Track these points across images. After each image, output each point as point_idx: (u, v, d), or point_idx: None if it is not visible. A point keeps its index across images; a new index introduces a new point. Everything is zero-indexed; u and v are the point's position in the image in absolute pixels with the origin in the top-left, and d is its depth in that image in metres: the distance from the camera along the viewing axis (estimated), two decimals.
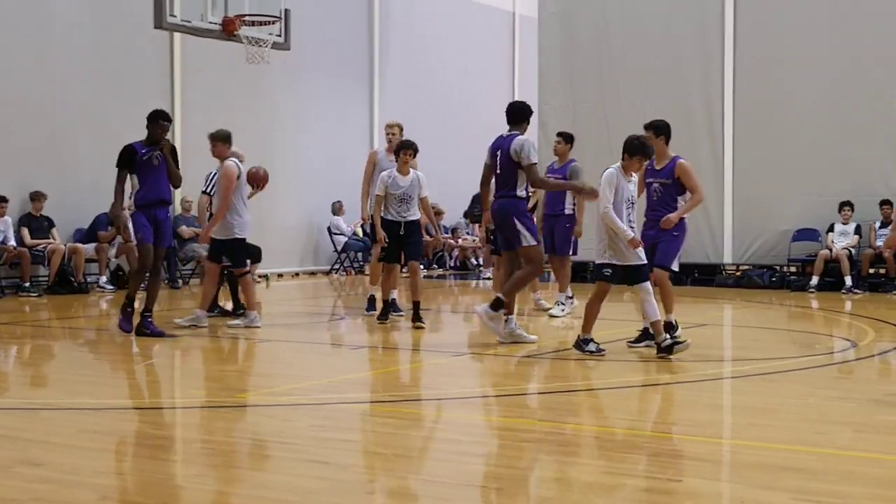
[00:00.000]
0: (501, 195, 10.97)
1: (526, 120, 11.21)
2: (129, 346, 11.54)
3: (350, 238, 23.45)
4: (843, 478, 5.59)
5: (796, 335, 12.92)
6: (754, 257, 19.87)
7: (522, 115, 11.18)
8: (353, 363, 10.37)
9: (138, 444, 6.53)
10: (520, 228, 10.84)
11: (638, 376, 9.62)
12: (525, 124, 11.18)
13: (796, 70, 19.29)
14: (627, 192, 9.92)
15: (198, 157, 15.16)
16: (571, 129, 19.53)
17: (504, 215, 10.90)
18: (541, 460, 6.31)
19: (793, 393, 8.44)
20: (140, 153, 11.55)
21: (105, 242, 18.27)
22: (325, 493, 5.41)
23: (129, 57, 19.53)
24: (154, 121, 11.68)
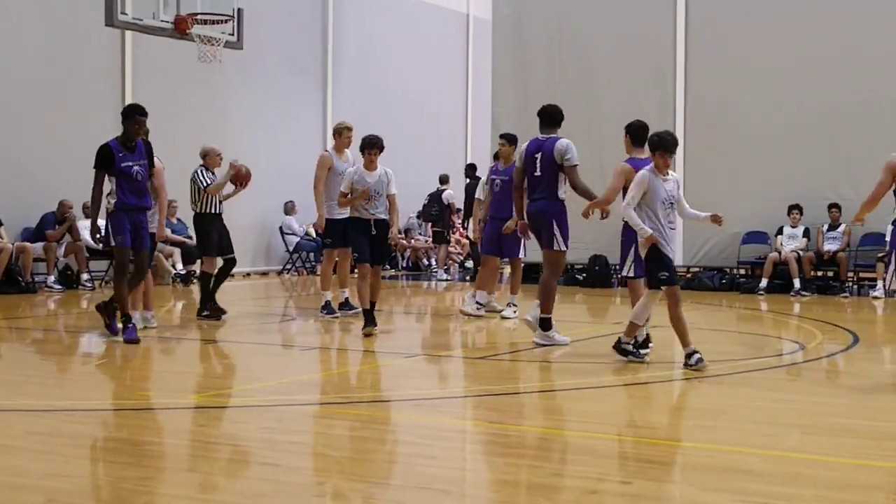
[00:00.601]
0: (540, 197, 11.09)
1: (559, 123, 11.35)
2: (77, 346, 11.46)
3: (302, 238, 23.38)
4: (791, 479, 5.63)
5: (745, 337, 13.02)
6: (704, 260, 20.01)
7: (556, 117, 11.36)
8: (303, 364, 10.33)
9: (86, 447, 6.47)
10: (555, 232, 11.03)
11: (588, 379, 9.65)
12: (558, 127, 11.34)
13: (747, 76, 19.45)
14: (664, 193, 9.67)
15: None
16: (524, 132, 19.58)
17: (544, 217, 11.06)
18: (491, 462, 6.32)
19: (741, 395, 8.50)
20: (118, 154, 11.18)
21: (53, 241, 18.10)
22: (274, 495, 5.38)
23: (80, 55, 19.37)
24: (130, 117, 11.33)
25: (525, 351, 11.16)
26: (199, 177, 13.20)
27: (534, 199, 11.16)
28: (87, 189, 18.63)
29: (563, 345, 10.94)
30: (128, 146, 11.26)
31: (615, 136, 11.43)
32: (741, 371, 9.65)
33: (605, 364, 10.03)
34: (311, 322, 13.78)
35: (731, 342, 12.62)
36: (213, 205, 13.16)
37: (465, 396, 8.70)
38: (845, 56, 18.74)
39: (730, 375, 9.40)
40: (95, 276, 18.85)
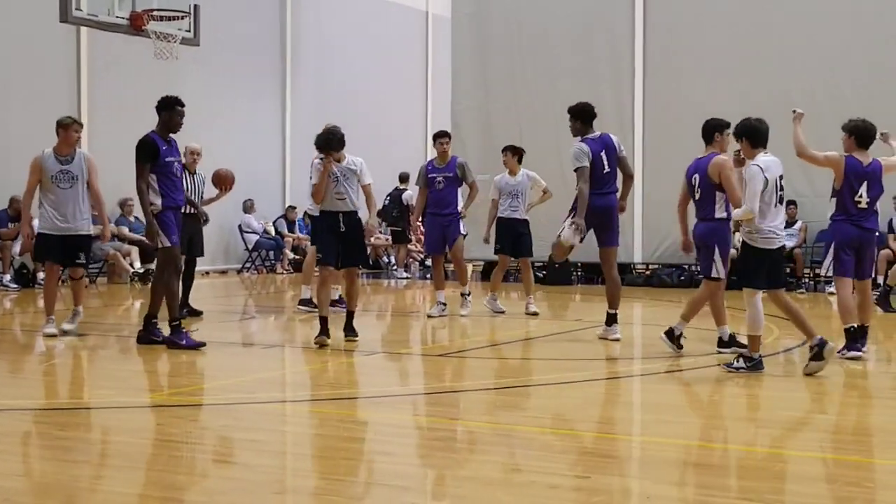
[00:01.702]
0: (610, 191, 11.60)
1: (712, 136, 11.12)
2: (33, 346, 11.36)
3: (261, 236, 23.30)
4: (748, 473, 5.67)
5: (704, 333, 13.08)
6: (663, 257, 20.09)
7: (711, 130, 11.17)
8: (263, 362, 10.29)
9: (41, 446, 6.42)
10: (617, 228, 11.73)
11: (548, 375, 9.68)
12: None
13: (705, 71, 19.54)
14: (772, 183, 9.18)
15: (106, 157, 14.86)
16: (484, 130, 19.73)
17: (613, 213, 11.63)
18: (449, 458, 6.32)
19: (699, 390, 8.57)
20: (161, 147, 10.74)
21: (8, 240, 17.93)
22: (232, 493, 5.36)
23: (35, 52, 19.19)
24: (170, 108, 10.96)
25: (483, 348, 11.18)
26: None
27: (603, 192, 11.41)
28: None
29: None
30: (167, 140, 10.89)
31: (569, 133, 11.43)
32: (700, 367, 9.70)
33: (565, 360, 10.07)
34: (271, 319, 13.73)
35: (689, 339, 12.66)
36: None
37: (424, 393, 8.70)
38: (802, 52, 18.87)
39: (688, 371, 9.45)
40: None
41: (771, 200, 9.18)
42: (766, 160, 9.23)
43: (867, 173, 10.07)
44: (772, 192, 9.18)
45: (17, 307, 15.57)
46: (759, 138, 9.41)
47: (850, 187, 10.07)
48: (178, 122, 10.92)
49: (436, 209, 13.80)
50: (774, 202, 9.21)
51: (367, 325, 13.31)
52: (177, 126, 10.91)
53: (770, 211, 9.16)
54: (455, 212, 13.74)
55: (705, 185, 10.40)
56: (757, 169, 9.12)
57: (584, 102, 11.63)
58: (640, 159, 20.04)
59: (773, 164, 9.27)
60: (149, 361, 10.22)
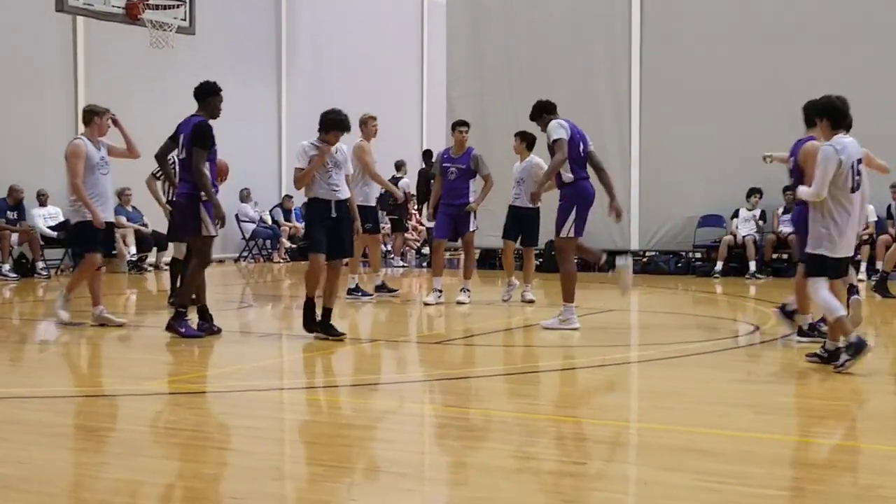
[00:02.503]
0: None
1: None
2: (32, 334, 11.37)
3: (258, 225, 23.30)
4: (744, 458, 5.69)
5: (701, 320, 13.12)
6: (660, 243, 20.12)
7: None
8: (260, 350, 10.30)
9: (41, 433, 6.42)
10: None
11: (545, 362, 9.70)
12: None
13: (701, 58, 19.53)
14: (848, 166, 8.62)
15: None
16: (479, 117, 19.68)
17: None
18: (447, 445, 6.34)
19: (696, 376, 8.58)
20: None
21: (6, 230, 17.93)
22: (230, 479, 5.38)
23: (31, 41, 19.18)
24: (215, 93, 10.64)
25: (480, 335, 11.20)
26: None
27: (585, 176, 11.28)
28: (39, 176, 18.51)
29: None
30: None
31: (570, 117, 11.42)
32: (697, 353, 9.72)
33: (561, 347, 10.09)
34: (268, 308, 13.74)
35: (686, 325, 12.71)
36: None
37: (422, 381, 8.72)
38: (802, 38, 18.86)
39: (685, 357, 9.47)
40: (51, 264, 18.70)
41: (846, 186, 8.57)
42: (842, 141, 8.62)
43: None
44: (847, 177, 8.56)
45: (16, 296, 15.57)
46: (840, 119, 8.73)
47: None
48: (219, 109, 10.73)
49: (447, 199, 13.92)
50: (851, 187, 8.59)
51: (365, 314, 13.33)
52: (218, 112, 10.71)
53: (845, 197, 8.58)
54: (467, 202, 13.77)
55: (797, 170, 9.95)
56: (831, 150, 8.54)
57: (538, 101, 11.53)
58: (637, 145, 20.05)
59: (851, 147, 8.65)
60: (148, 350, 10.23)
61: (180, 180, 10.74)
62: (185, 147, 10.46)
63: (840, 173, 8.51)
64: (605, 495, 5.08)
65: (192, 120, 10.55)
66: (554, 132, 10.96)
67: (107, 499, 5.06)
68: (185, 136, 10.48)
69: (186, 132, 10.48)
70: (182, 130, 10.58)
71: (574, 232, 11.04)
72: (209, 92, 10.64)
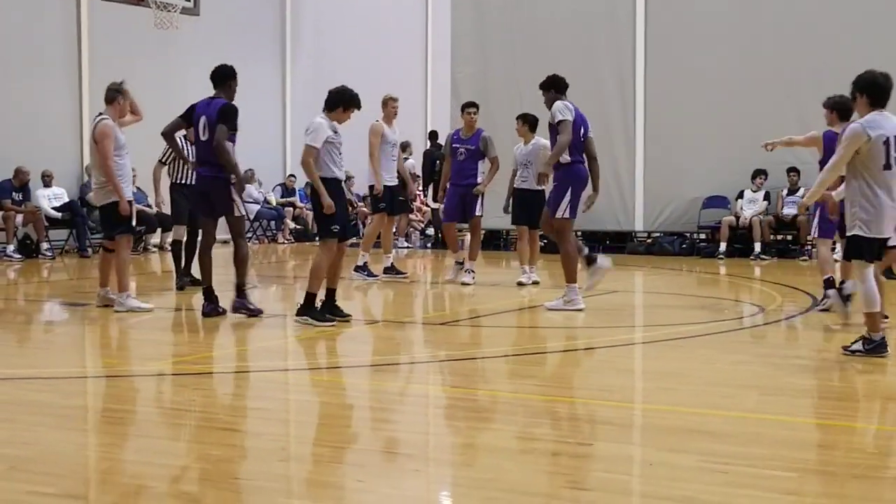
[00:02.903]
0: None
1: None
2: (37, 315, 11.38)
3: (262, 206, 23.29)
4: (750, 440, 5.69)
5: (705, 301, 13.11)
6: (665, 225, 20.10)
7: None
8: (266, 331, 10.30)
9: (47, 414, 6.43)
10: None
11: (550, 343, 9.71)
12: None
13: (706, 38, 19.49)
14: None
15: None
16: (483, 97, 19.63)
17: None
18: (453, 426, 6.34)
19: (701, 357, 8.58)
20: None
21: (11, 211, 17.93)
22: (237, 460, 5.39)
23: (35, 21, 19.14)
24: (234, 76, 10.81)
25: (485, 317, 11.21)
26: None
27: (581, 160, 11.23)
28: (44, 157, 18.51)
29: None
30: None
31: (575, 100, 11.40)
32: (701, 334, 9.72)
33: (567, 328, 10.09)
34: (273, 289, 13.76)
35: (691, 306, 12.71)
36: (181, 175, 12.90)
37: (427, 362, 8.73)
38: (805, 21, 18.82)
39: (690, 339, 9.47)
40: (55, 245, 18.71)
41: (877, 163, 8.17)
42: (876, 118, 8.23)
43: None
44: (879, 154, 8.16)
45: (20, 278, 15.60)
46: (880, 95, 8.34)
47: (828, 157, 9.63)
48: (235, 92, 10.84)
49: (456, 179, 14.07)
50: (884, 164, 8.17)
51: (370, 295, 13.34)
52: (234, 95, 10.80)
53: (878, 175, 8.18)
54: (474, 183, 13.86)
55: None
56: (858, 127, 8.20)
57: (552, 75, 11.52)
58: (642, 126, 20.02)
59: (887, 123, 8.24)
60: (153, 331, 10.24)
61: (203, 162, 10.67)
62: (206, 128, 10.46)
63: (869, 150, 8.14)
64: (610, 476, 5.09)
65: (216, 102, 10.58)
66: (559, 113, 10.97)
67: (113, 479, 5.07)
68: (206, 118, 10.47)
69: (210, 114, 10.46)
70: (202, 112, 10.56)
71: (570, 213, 11.05)
72: (229, 75, 10.74)
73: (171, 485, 4.95)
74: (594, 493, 4.84)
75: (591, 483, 5.04)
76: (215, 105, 10.52)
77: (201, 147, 10.61)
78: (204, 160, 10.62)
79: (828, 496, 4.81)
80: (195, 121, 10.61)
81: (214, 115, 10.44)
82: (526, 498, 4.76)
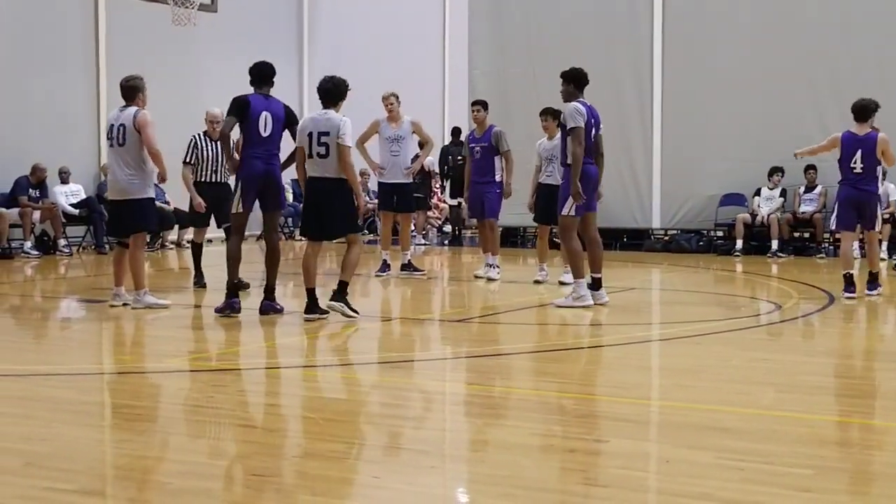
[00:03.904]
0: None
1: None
2: (55, 312, 11.42)
3: None
4: (766, 437, 5.68)
5: (722, 298, 13.09)
6: (682, 222, 20.04)
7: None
8: (281, 328, 10.32)
9: (64, 410, 6.46)
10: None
11: (566, 339, 9.71)
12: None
13: (724, 36, 19.42)
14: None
15: None
16: (500, 95, 19.63)
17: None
18: (469, 423, 6.35)
19: (718, 354, 8.56)
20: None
21: (28, 208, 17.98)
22: (253, 456, 5.40)
23: (53, 17, 19.20)
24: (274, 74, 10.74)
25: (502, 313, 11.20)
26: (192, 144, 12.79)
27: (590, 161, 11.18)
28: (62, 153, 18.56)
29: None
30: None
31: (592, 97, 11.40)
32: (718, 331, 9.70)
33: (583, 326, 10.08)
34: (290, 286, 13.77)
35: (707, 303, 12.69)
36: (202, 173, 12.81)
37: (443, 358, 8.73)
38: (822, 17, 18.75)
39: (707, 336, 9.45)
40: (72, 241, 18.77)
41: None
42: None
43: (861, 143, 11.68)
44: None
45: (38, 274, 15.65)
46: None
47: (846, 156, 11.75)
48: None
49: (474, 177, 14.20)
50: None
51: (385, 292, 13.35)
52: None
53: None
54: (492, 180, 13.89)
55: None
56: None
57: (577, 68, 11.51)
58: (659, 123, 19.96)
59: None
60: (168, 327, 10.27)
61: (273, 155, 10.58)
62: (270, 124, 10.43)
63: None
64: (626, 473, 5.08)
65: (275, 101, 10.57)
66: (572, 119, 10.96)
67: (129, 476, 5.09)
68: (271, 115, 10.43)
69: (275, 111, 10.46)
70: (261, 108, 10.42)
71: (575, 211, 11.03)
72: (275, 72, 10.71)
73: (188, 481, 4.96)
74: (610, 489, 4.83)
75: (607, 480, 5.04)
76: (276, 104, 10.54)
77: (260, 141, 10.44)
78: (273, 155, 10.56)
79: (844, 493, 4.80)
80: (254, 116, 10.40)
81: (281, 114, 10.49)
82: (542, 494, 4.76)
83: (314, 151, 10.14)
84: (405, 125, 14.21)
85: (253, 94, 10.54)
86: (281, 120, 10.46)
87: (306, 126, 10.29)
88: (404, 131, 14.20)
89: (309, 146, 10.17)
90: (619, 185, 19.41)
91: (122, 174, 10.88)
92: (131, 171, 10.81)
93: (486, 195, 13.97)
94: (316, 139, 10.12)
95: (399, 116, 14.10)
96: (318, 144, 10.12)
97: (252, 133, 10.45)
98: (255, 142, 10.46)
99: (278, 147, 10.57)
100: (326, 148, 10.09)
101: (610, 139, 12.09)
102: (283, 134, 10.55)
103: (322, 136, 10.10)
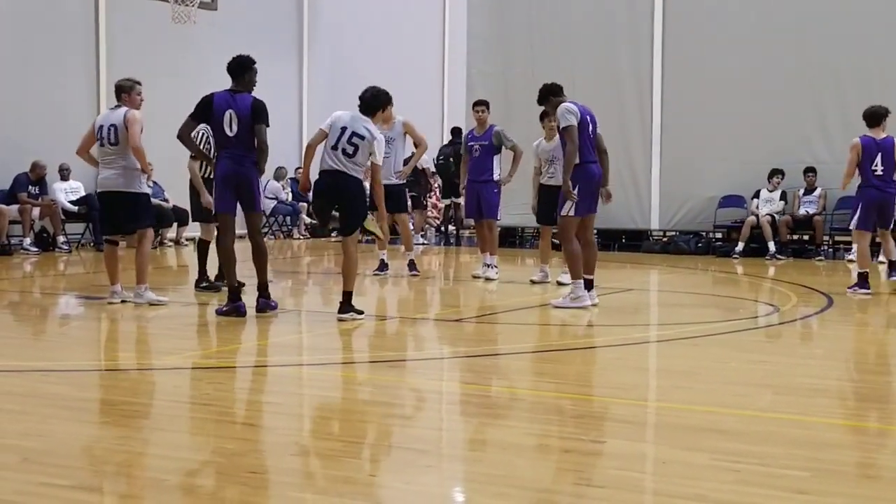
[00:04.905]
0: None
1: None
2: (53, 309, 11.41)
3: (278, 202, 23.31)
4: (763, 439, 5.68)
5: (720, 300, 13.09)
6: (681, 223, 20.07)
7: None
8: (280, 326, 10.32)
9: (61, 407, 6.46)
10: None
11: (563, 340, 9.71)
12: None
13: (724, 37, 19.45)
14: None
15: None
16: (502, 95, 19.64)
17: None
18: (466, 422, 6.35)
19: (715, 356, 8.57)
20: None
21: (28, 204, 17.99)
22: (250, 454, 5.40)
23: (53, 14, 19.21)
24: (251, 67, 10.59)
25: (499, 313, 11.20)
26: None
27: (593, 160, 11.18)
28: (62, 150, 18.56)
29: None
30: None
31: (592, 98, 11.42)
32: (716, 333, 9.70)
33: (581, 326, 10.08)
34: (288, 284, 13.78)
35: (706, 305, 12.69)
36: (208, 169, 12.69)
37: (440, 358, 8.73)
38: (822, 19, 18.76)
39: (704, 337, 9.45)
40: (72, 238, 18.78)
41: None
42: None
43: (880, 147, 12.58)
44: None
45: (37, 271, 15.65)
46: None
47: (868, 160, 12.59)
48: (255, 82, 10.62)
49: (471, 175, 14.19)
50: None
51: (383, 291, 13.35)
52: (253, 86, 10.59)
53: None
54: (490, 179, 13.89)
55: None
56: None
57: (543, 85, 11.61)
58: (659, 124, 19.99)
59: None
60: (168, 325, 10.27)
61: (243, 156, 10.27)
62: (235, 122, 10.17)
63: None
64: (623, 474, 5.08)
65: (242, 97, 10.30)
66: (563, 119, 10.94)
67: (126, 472, 5.09)
68: (235, 112, 10.18)
69: (239, 109, 10.18)
70: (225, 105, 10.21)
71: (575, 211, 11.00)
72: (248, 66, 10.51)
73: (185, 478, 4.97)
74: (606, 490, 4.83)
75: (603, 480, 5.04)
76: (243, 100, 10.27)
77: (227, 141, 10.24)
78: (244, 155, 10.25)
79: (840, 496, 4.80)
80: (218, 114, 10.23)
81: (247, 111, 10.20)
82: (538, 494, 4.76)
83: (341, 146, 10.09)
84: (397, 126, 14.16)
85: (220, 91, 10.38)
86: (247, 117, 10.19)
87: (343, 119, 10.19)
88: (395, 133, 14.15)
89: (338, 139, 10.10)
90: (618, 186, 19.33)
91: (112, 172, 10.91)
92: (124, 167, 10.83)
93: (484, 195, 13.95)
94: (348, 137, 10.09)
95: (391, 117, 13.86)
96: (348, 143, 10.09)
97: (217, 133, 10.35)
98: (221, 142, 10.35)
99: (249, 146, 10.22)
100: (356, 149, 10.08)
101: (610, 139, 12.06)
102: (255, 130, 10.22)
103: (355, 136, 10.09)
